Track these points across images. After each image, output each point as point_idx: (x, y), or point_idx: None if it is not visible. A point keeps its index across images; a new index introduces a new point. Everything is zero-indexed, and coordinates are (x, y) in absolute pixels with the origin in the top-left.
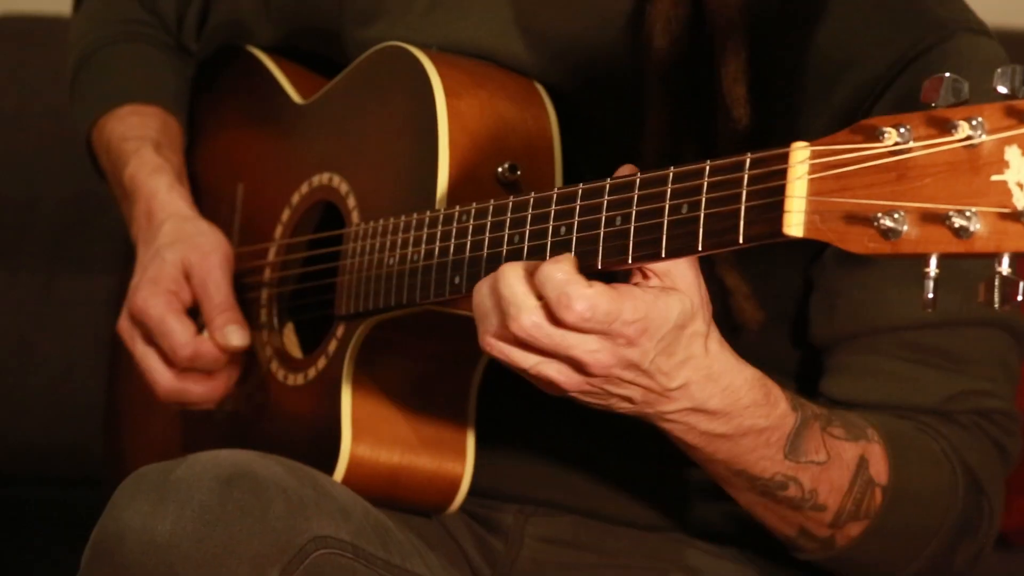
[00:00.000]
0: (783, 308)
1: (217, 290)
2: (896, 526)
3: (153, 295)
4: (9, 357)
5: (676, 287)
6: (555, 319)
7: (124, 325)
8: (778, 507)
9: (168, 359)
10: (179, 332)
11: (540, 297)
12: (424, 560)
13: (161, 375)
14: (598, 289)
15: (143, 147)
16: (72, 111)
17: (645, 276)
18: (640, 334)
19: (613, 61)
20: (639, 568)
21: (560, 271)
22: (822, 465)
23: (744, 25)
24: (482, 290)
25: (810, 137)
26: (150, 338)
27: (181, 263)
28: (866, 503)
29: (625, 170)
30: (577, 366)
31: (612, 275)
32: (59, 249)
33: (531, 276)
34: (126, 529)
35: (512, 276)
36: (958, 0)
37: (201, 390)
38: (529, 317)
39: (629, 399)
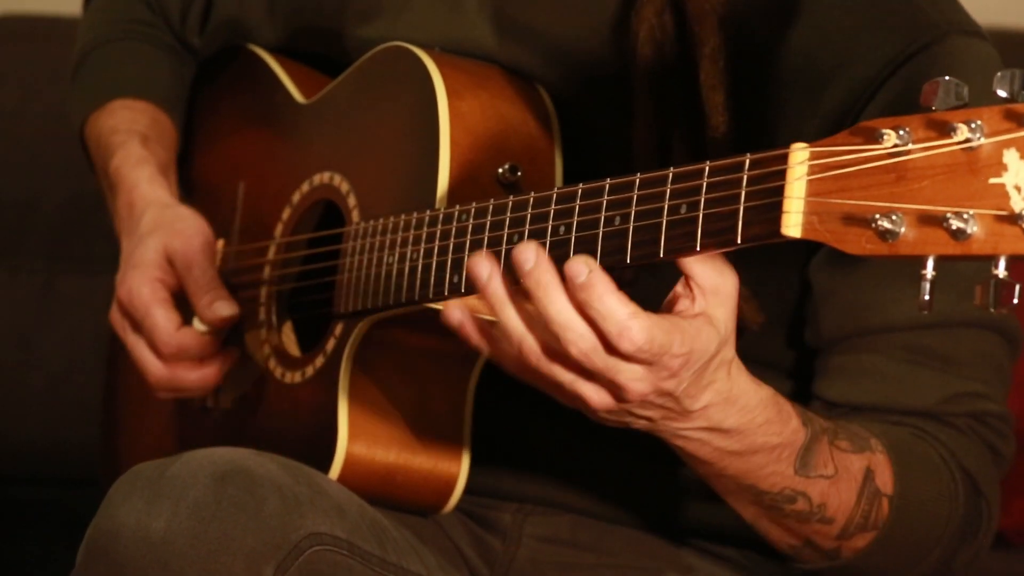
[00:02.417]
0: (781, 309)
1: (202, 272)
2: (902, 535)
3: (139, 284)
4: (9, 357)
5: (716, 315)
6: (611, 348)
7: (115, 316)
8: (785, 520)
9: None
10: (162, 327)
11: (592, 323)
12: (421, 559)
13: (152, 364)
14: (653, 321)
15: (130, 140)
16: (69, 108)
17: (689, 288)
18: (682, 367)
19: (602, 65)
20: (636, 568)
21: (620, 305)
22: (831, 479)
23: (722, 32)
24: (548, 300)
25: (801, 140)
26: (138, 327)
27: (164, 249)
28: (874, 514)
29: None
30: (615, 390)
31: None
32: (59, 249)
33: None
34: (121, 527)
35: (557, 298)
36: (950, 1)
37: (194, 377)
38: (590, 342)
39: (649, 419)
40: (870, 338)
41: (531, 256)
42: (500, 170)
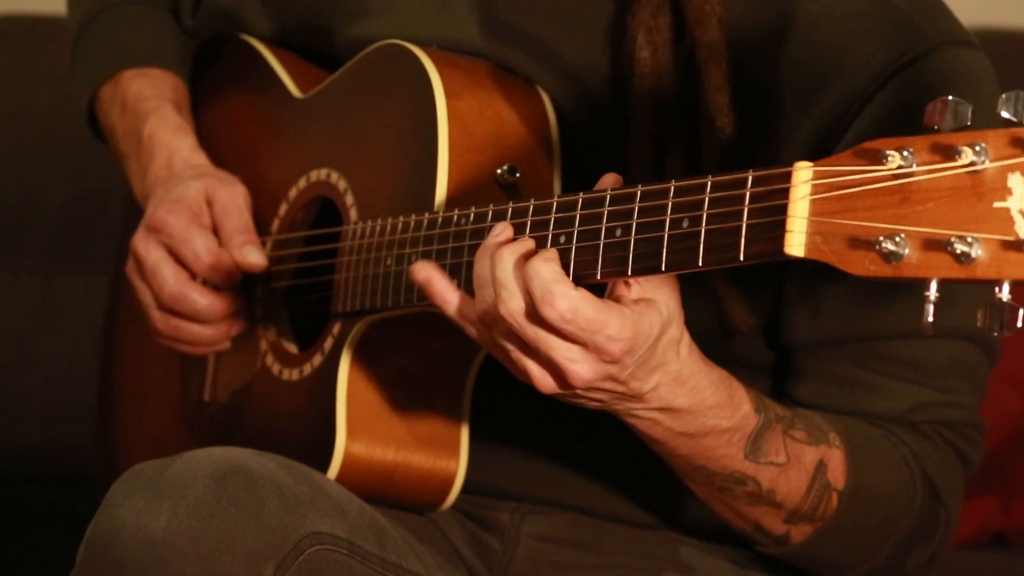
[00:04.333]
0: (768, 311)
1: (239, 214)
2: (850, 529)
3: (176, 211)
4: (9, 357)
5: (655, 297)
6: (537, 316)
7: (139, 236)
8: (735, 502)
9: (185, 266)
10: (202, 240)
11: (526, 291)
12: (420, 558)
13: (171, 277)
14: (584, 294)
15: (163, 106)
16: (75, 68)
17: (627, 284)
18: (625, 353)
19: (598, 68)
20: (635, 566)
21: (548, 269)
22: (781, 467)
23: (724, 35)
24: (483, 261)
25: (792, 147)
26: (168, 247)
27: (205, 191)
28: (822, 507)
29: (608, 179)
30: (556, 373)
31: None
32: (59, 249)
33: (521, 264)
34: (121, 526)
35: (508, 259)
36: (942, 11)
37: (205, 302)
38: (517, 303)
39: (601, 400)
40: (844, 346)
41: (499, 228)
42: (499, 171)
